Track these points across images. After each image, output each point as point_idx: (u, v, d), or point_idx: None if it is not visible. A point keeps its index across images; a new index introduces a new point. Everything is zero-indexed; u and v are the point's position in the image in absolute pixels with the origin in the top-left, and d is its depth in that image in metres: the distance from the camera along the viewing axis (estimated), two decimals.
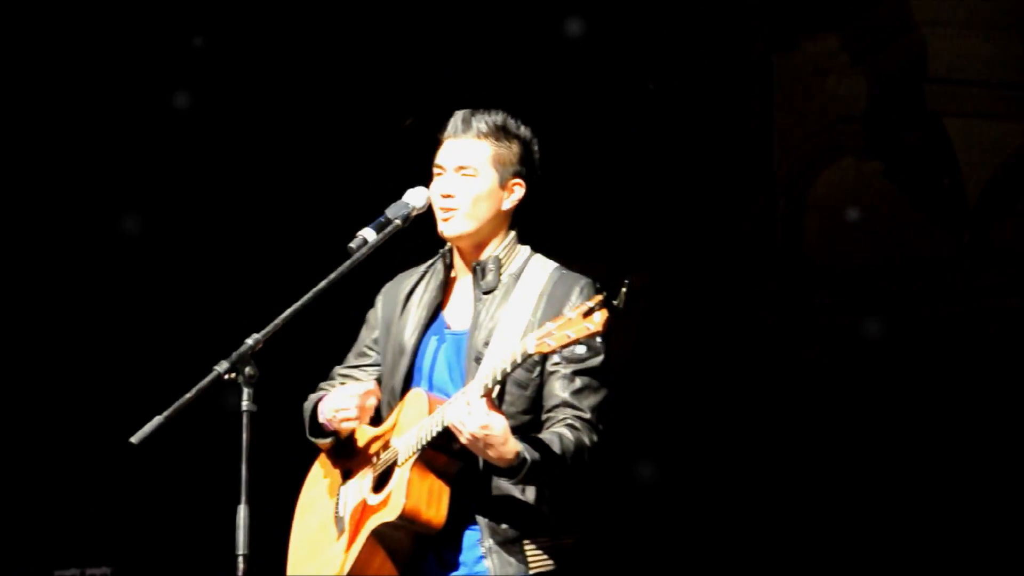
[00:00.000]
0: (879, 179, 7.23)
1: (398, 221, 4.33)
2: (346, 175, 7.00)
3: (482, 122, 4.37)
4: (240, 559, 3.94)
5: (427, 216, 4.40)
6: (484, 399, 4.10)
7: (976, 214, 7.08)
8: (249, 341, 4.06)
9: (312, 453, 4.54)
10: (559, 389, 4.26)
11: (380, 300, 4.55)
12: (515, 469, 4.13)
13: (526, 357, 4.05)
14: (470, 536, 4.26)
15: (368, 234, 4.30)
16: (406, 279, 4.52)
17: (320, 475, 4.53)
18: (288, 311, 4.15)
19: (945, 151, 7.04)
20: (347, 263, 4.27)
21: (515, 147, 4.38)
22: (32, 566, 7.48)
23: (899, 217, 7.23)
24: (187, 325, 7.30)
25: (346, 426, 4.38)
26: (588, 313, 3.98)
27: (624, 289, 3.95)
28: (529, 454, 4.12)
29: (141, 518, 7.48)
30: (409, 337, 4.41)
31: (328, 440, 4.44)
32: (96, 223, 7.49)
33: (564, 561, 4.29)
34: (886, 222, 7.22)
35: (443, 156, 4.38)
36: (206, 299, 7.37)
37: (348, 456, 4.46)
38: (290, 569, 4.41)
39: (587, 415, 4.26)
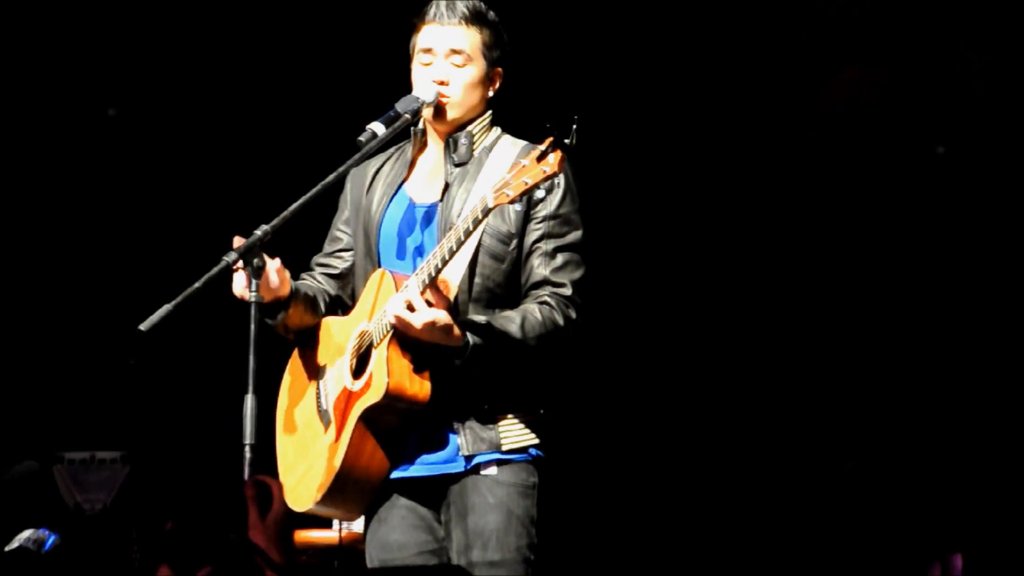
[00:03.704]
0: None
1: (407, 115, 4.32)
2: (355, 67, 6.97)
3: (465, 7, 4.35)
4: (247, 448, 3.95)
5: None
6: (429, 291, 4.10)
7: None
8: (258, 232, 4.06)
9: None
10: (539, 266, 4.27)
11: (348, 183, 4.54)
12: (459, 352, 4.14)
13: (487, 211, 4.02)
14: (446, 413, 4.25)
15: (377, 127, 4.29)
16: (373, 162, 4.50)
17: (295, 376, 4.51)
18: (297, 203, 4.13)
19: None
20: (356, 156, 4.26)
21: (494, 33, 4.39)
22: (43, 448, 7.55)
23: None
24: (197, 214, 7.31)
25: (237, 289, 4.21)
26: (542, 157, 3.93)
27: (575, 126, 3.90)
28: (472, 338, 4.12)
29: (151, 405, 7.53)
30: (374, 214, 4.41)
31: (277, 319, 4.34)
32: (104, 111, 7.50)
33: (541, 436, 4.28)
34: None
35: (431, 40, 4.36)
36: (216, 188, 7.38)
37: (321, 351, 4.44)
38: (281, 475, 4.38)
39: (568, 291, 4.26)
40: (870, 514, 7.04)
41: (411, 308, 4.11)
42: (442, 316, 4.11)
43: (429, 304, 4.12)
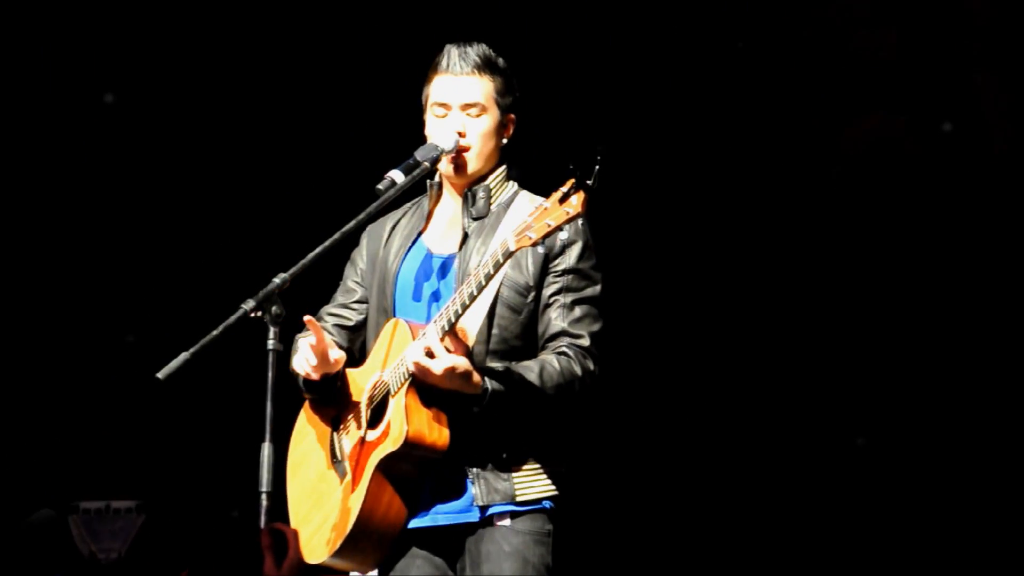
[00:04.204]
0: None
1: (426, 163, 4.33)
2: (376, 116, 6.98)
3: (477, 56, 4.35)
4: (264, 496, 3.94)
5: None
6: (448, 338, 4.10)
7: None
8: (276, 280, 4.06)
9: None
10: (557, 318, 4.26)
11: (365, 238, 4.54)
12: (478, 399, 4.13)
13: (508, 254, 4.01)
14: (462, 462, 4.23)
15: (396, 175, 4.30)
16: (391, 216, 4.52)
17: (307, 429, 4.50)
18: (316, 251, 4.15)
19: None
20: (375, 204, 4.27)
21: (505, 80, 4.39)
22: (58, 498, 7.53)
23: None
24: (216, 262, 7.30)
25: (312, 373, 4.33)
26: (564, 198, 3.91)
27: (597, 167, 3.89)
28: (492, 385, 4.12)
29: (167, 453, 7.51)
30: (392, 264, 4.41)
31: (317, 392, 4.41)
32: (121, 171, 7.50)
33: (557, 490, 4.26)
34: None
35: (445, 93, 4.36)
36: (235, 237, 7.38)
37: (333, 403, 4.44)
38: (295, 525, 4.36)
39: (585, 342, 4.25)
40: (882, 493, 6.95)
41: (431, 355, 4.10)
42: (462, 362, 4.10)
43: (448, 351, 4.11)
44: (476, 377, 4.12)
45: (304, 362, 4.33)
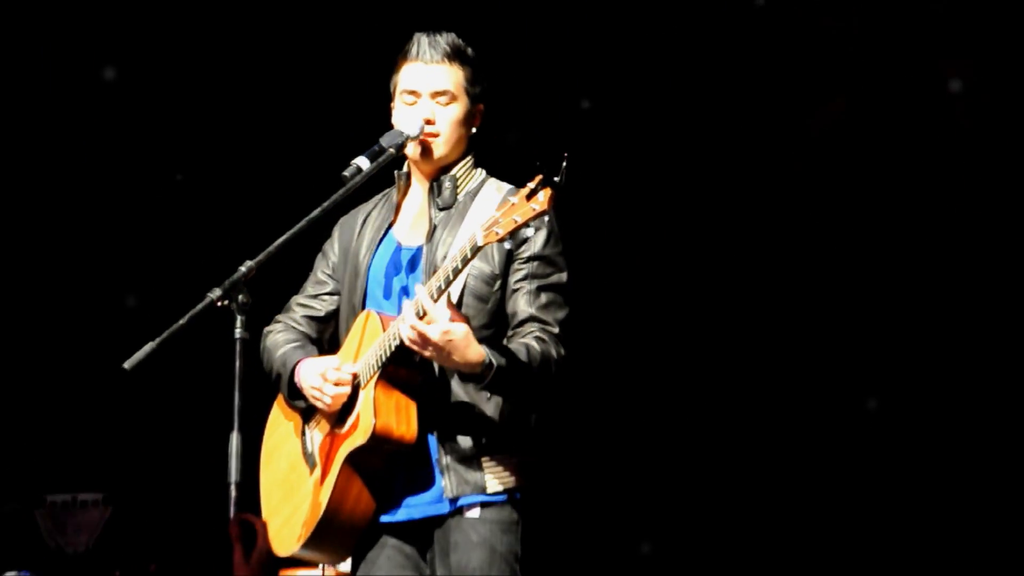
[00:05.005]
0: None
1: (392, 149, 4.31)
2: (339, 103, 6.97)
3: (447, 44, 4.35)
4: (232, 487, 3.92)
5: None
6: (444, 303, 4.05)
7: None
8: (242, 268, 4.05)
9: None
10: (525, 304, 4.24)
11: (337, 230, 4.54)
12: (481, 374, 4.09)
13: (476, 249, 3.99)
14: (431, 454, 4.22)
15: (362, 162, 4.29)
16: (363, 208, 4.52)
17: (281, 418, 4.49)
18: (281, 238, 4.13)
19: None
20: (341, 191, 4.26)
21: (475, 69, 4.39)
22: (25, 491, 7.50)
23: None
24: (181, 251, 7.29)
25: (313, 401, 4.32)
26: (532, 195, 3.91)
27: (564, 164, 3.88)
28: (495, 358, 4.08)
29: (134, 444, 7.49)
30: (363, 258, 4.40)
31: (304, 404, 4.38)
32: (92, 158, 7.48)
33: (527, 480, 4.26)
34: None
35: (415, 80, 4.35)
36: (201, 225, 7.36)
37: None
38: (265, 518, 4.33)
39: (555, 329, 4.23)
40: (894, 456, 6.88)
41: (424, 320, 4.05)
42: (460, 327, 4.06)
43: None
44: (478, 348, 4.07)
45: (310, 388, 4.30)
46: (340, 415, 4.27)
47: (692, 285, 7.10)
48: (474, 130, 4.41)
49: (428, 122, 4.33)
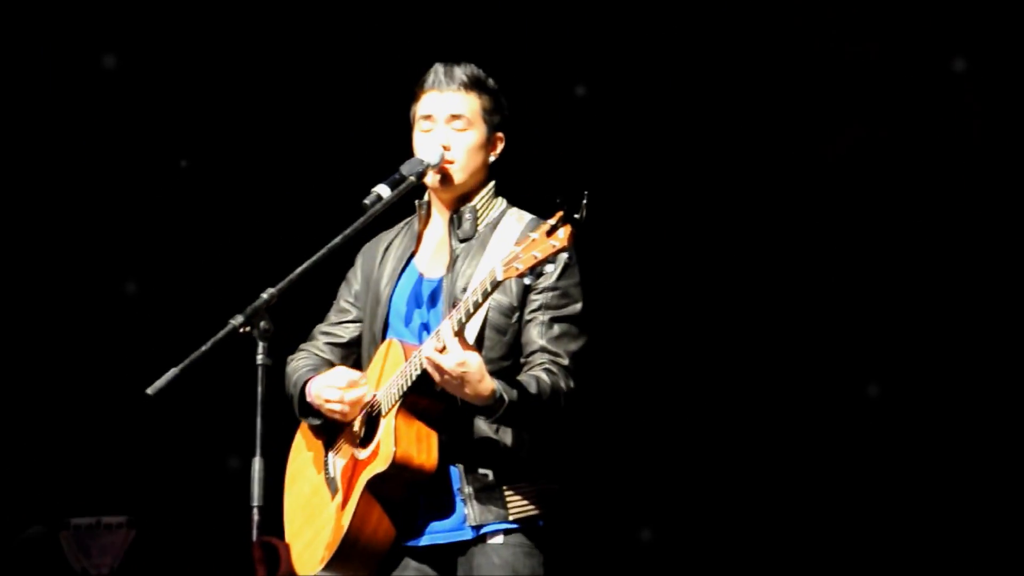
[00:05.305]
0: None
1: (412, 177, 4.35)
2: (362, 131, 7.00)
3: (464, 74, 4.39)
4: (255, 511, 3.96)
5: None
6: (457, 337, 4.09)
7: None
8: (264, 295, 4.09)
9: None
10: (537, 336, 4.27)
11: (360, 258, 4.58)
12: (492, 408, 4.13)
13: (495, 284, 4.02)
14: (452, 483, 4.26)
15: (383, 190, 4.32)
16: (385, 236, 4.55)
17: (304, 444, 4.54)
18: (303, 266, 4.17)
19: None
20: (362, 219, 4.29)
21: (493, 99, 4.43)
22: (49, 514, 7.52)
23: None
24: (204, 278, 7.31)
25: (332, 415, 4.39)
26: (552, 231, 3.93)
27: (584, 201, 3.91)
28: (506, 392, 4.11)
29: (158, 468, 7.51)
30: (384, 288, 4.44)
31: (318, 420, 4.45)
32: (110, 179, 7.50)
33: (548, 508, 4.29)
34: None
35: (431, 107, 4.40)
36: (223, 253, 7.38)
37: (330, 421, 4.46)
38: (288, 541, 4.40)
39: (564, 361, 4.25)
40: (896, 443, 6.86)
41: (442, 351, 4.09)
42: (475, 359, 4.10)
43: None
44: (489, 381, 4.11)
45: (320, 398, 4.37)
46: (362, 441, 4.32)
47: (694, 272, 7.06)
48: (493, 158, 4.44)
49: (444, 148, 4.37)
